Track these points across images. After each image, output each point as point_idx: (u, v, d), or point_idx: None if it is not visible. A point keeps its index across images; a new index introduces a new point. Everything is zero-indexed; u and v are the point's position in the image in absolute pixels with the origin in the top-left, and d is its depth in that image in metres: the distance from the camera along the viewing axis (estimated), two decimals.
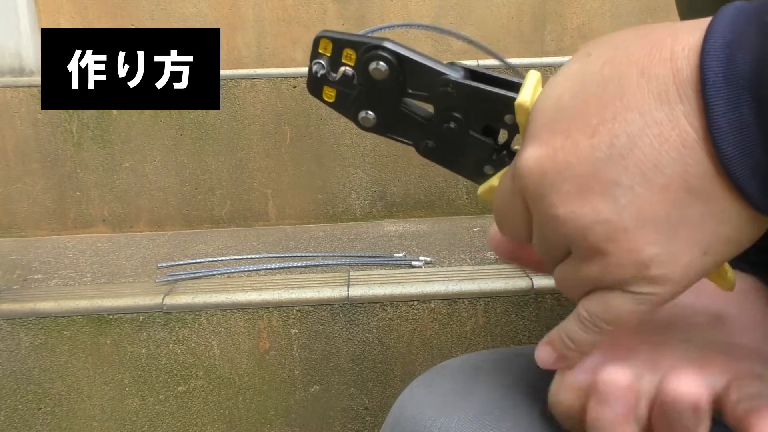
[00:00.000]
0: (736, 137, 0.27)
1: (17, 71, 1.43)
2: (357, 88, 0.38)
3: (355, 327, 0.90)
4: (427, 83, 0.37)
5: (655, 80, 0.29)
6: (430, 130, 0.39)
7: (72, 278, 1.00)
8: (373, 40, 0.37)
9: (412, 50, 0.37)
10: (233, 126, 1.31)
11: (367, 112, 0.39)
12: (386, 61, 0.37)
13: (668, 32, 0.30)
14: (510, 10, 1.51)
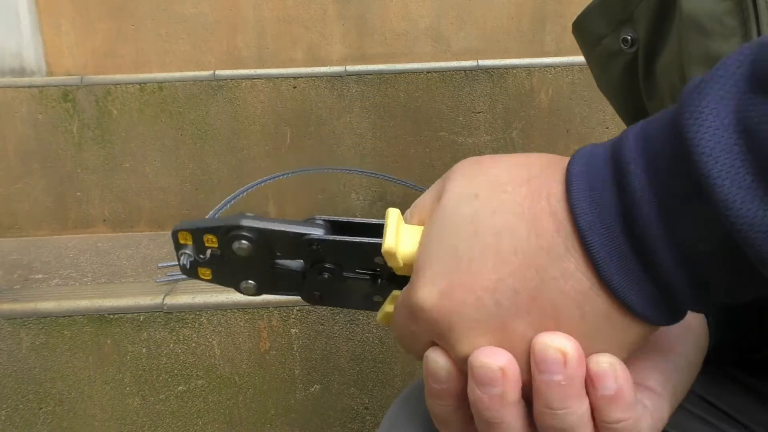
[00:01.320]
0: (623, 274, 0.28)
1: (18, 71, 1.44)
2: (229, 264, 0.39)
3: (355, 327, 0.90)
4: (291, 246, 0.38)
5: (543, 235, 0.30)
6: (309, 282, 0.39)
7: (73, 278, 1.00)
8: (227, 221, 0.37)
9: (268, 220, 0.38)
10: (233, 126, 1.31)
11: (247, 281, 0.40)
12: (247, 239, 0.37)
13: (545, 180, 0.31)
14: (510, 10, 1.51)
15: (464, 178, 0.33)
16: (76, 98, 1.30)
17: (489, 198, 0.32)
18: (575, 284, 0.29)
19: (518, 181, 0.31)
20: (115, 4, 1.48)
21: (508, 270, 0.30)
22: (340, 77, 1.31)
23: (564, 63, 1.33)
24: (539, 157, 0.33)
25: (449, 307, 0.31)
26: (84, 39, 1.50)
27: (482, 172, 0.33)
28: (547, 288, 0.30)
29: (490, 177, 0.33)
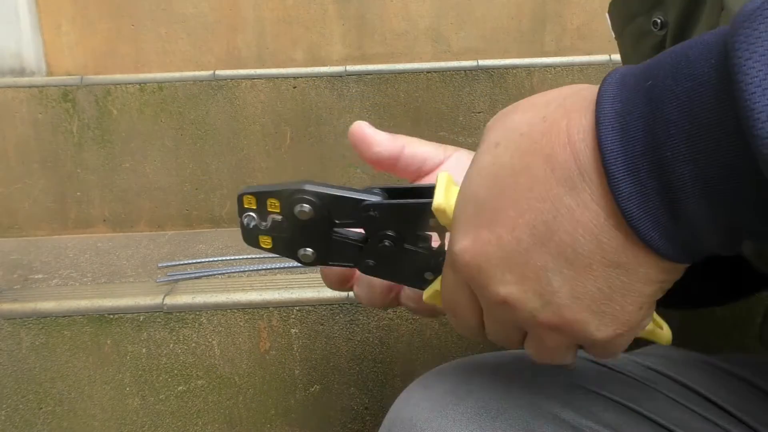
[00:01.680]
0: (642, 206, 0.28)
1: (18, 71, 1.44)
2: (289, 230, 0.41)
3: (355, 327, 0.90)
4: (351, 212, 0.39)
5: (560, 168, 0.30)
6: (367, 251, 0.41)
7: (72, 278, 1.00)
8: (291, 185, 0.39)
9: (330, 186, 0.39)
10: (233, 126, 1.31)
11: (305, 249, 0.41)
12: (308, 202, 0.39)
13: (563, 113, 0.31)
14: (510, 10, 1.51)
15: (489, 130, 0.34)
16: (76, 98, 1.30)
17: (507, 143, 0.32)
18: (592, 215, 0.29)
19: (535, 120, 0.32)
20: (115, 4, 1.48)
21: (525, 206, 0.31)
22: (340, 77, 1.31)
23: (564, 63, 1.33)
24: (559, 91, 0.33)
25: (477, 250, 0.32)
26: (84, 39, 1.50)
27: (503, 120, 0.34)
28: (563, 219, 0.30)
29: (509, 123, 0.33)
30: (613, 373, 0.51)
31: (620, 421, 0.46)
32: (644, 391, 0.50)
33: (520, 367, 0.49)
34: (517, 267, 0.32)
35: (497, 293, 0.33)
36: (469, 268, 0.33)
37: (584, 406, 0.46)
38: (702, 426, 0.48)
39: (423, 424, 0.45)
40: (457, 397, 0.46)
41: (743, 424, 0.49)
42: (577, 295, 0.31)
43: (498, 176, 0.32)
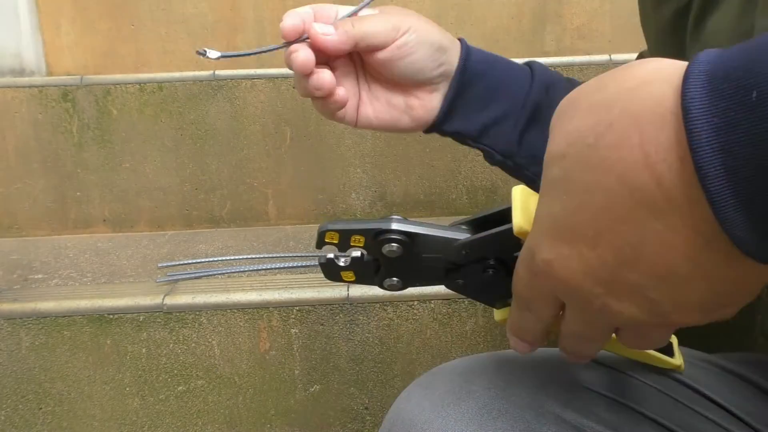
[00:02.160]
0: (753, 231, 0.25)
1: (17, 71, 1.44)
2: (373, 264, 0.41)
3: (355, 327, 0.90)
4: (439, 248, 0.39)
5: (638, 191, 0.28)
6: (459, 272, 0.40)
7: (72, 278, 1.00)
8: (378, 224, 0.39)
9: (419, 224, 0.39)
10: (233, 126, 1.31)
11: (392, 279, 0.41)
12: (397, 242, 0.39)
13: (632, 122, 0.28)
14: (510, 10, 1.51)
15: (553, 135, 0.32)
16: (76, 98, 1.30)
17: (574, 156, 0.30)
18: (685, 239, 0.28)
19: (600, 128, 0.29)
20: (115, 3, 1.48)
21: (605, 226, 0.29)
22: None
23: (564, 63, 1.33)
24: (618, 84, 0.30)
25: (561, 264, 0.31)
26: (84, 39, 1.49)
27: (564, 125, 0.31)
28: (651, 243, 0.28)
29: (571, 131, 0.30)
30: (615, 373, 0.51)
31: (622, 422, 0.46)
32: (645, 390, 0.50)
33: (522, 367, 0.49)
34: (606, 283, 0.30)
35: (591, 304, 0.31)
36: (553, 280, 0.32)
37: (586, 406, 0.46)
38: (704, 426, 0.48)
39: (423, 425, 0.45)
40: (458, 397, 0.46)
41: (745, 423, 0.49)
42: (682, 302, 0.30)
43: (570, 192, 0.30)
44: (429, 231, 0.39)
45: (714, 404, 0.50)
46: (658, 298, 0.29)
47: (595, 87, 0.31)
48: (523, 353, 0.39)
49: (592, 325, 0.34)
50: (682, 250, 0.28)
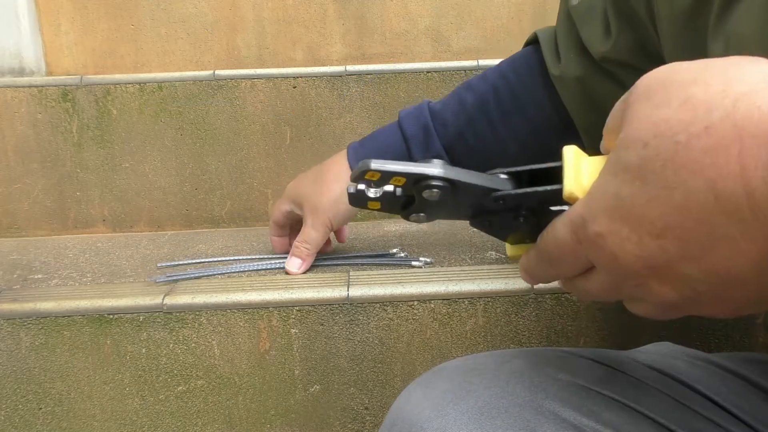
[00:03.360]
0: None
1: (17, 71, 1.44)
2: (402, 198, 0.41)
3: (355, 327, 0.90)
4: (477, 196, 0.40)
5: (725, 198, 0.28)
6: (488, 214, 0.41)
7: (72, 278, 1.00)
8: (423, 168, 0.39)
9: (462, 171, 0.39)
10: (233, 126, 1.31)
11: (419, 214, 0.42)
12: (439, 188, 0.39)
13: (734, 133, 0.27)
14: (510, 10, 1.51)
15: (635, 118, 0.31)
16: (76, 98, 1.30)
17: (659, 148, 0.29)
18: (759, 248, 0.28)
19: (695, 128, 0.28)
20: (115, 3, 1.48)
21: (677, 222, 0.29)
22: (340, 77, 1.31)
23: None
24: (723, 84, 0.29)
25: (614, 242, 0.32)
26: (84, 39, 1.49)
27: (651, 111, 0.30)
28: (723, 246, 0.29)
29: (659, 121, 0.30)
30: (614, 371, 0.51)
31: (621, 421, 0.46)
32: (645, 390, 0.50)
33: (521, 366, 0.49)
34: (656, 269, 0.31)
35: (630, 280, 0.33)
36: (600, 252, 0.33)
37: (585, 406, 0.46)
38: (703, 425, 0.48)
39: (424, 424, 0.45)
40: (458, 396, 0.46)
41: (744, 423, 0.49)
42: (724, 298, 0.31)
43: (647, 181, 0.30)
44: (472, 180, 0.39)
45: (713, 404, 0.50)
46: (704, 290, 0.31)
47: (693, 78, 0.30)
48: (531, 284, 0.42)
49: (616, 292, 0.35)
50: (751, 258, 0.28)
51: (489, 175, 0.40)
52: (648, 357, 0.55)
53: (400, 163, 0.39)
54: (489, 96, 0.82)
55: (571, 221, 0.35)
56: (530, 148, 0.83)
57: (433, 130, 0.85)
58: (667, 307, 0.34)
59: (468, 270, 0.96)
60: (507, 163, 0.89)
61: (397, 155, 0.88)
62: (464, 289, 0.89)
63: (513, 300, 0.89)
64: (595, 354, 0.53)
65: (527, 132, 0.82)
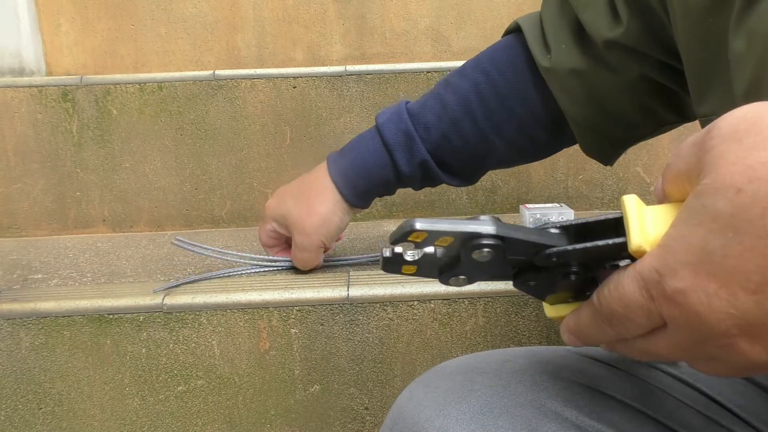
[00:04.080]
0: None
1: (17, 71, 1.43)
2: (443, 260, 0.38)
3: (355, 327, 0.90)
4: (529, 252, 0.37)
5: None
6: (534, 273, 0.39)
7: (72, 278, 1.00)
8: (475, 227, 0.36)
9: (513, 228, 0.37)
10: (233, 126, 1.31)
11: (459, 277, 0.39)
12: (491, 247, 0.36)
13: None
14: (510, 10, 1.51)
15: (724, 161, 0.29)
16: (76, 98, 1.29)
17: (756, 194, 0.28)
18: None
19: None
20: (115, 3, 1.48)
21: None
22: (340, 77, 1.31)
23: None
24: None
25: (699, 299, 0.30)
26: (83, 38, 1.49)
27: (746, 154, 0.28)
28: None
29: (756, 164, 0.28)
30: (617, 371, 0.51)
31: (624, 421, 0.46)
32: (648, 390, 0.49)
33: (523, 366, 0.49)
34: (749, 327, 0.29)
35: (714, 340, 0.30)
36: (680, 310, 0.30)
37: (588, 405, 0.46)
38: (705, 426, 0.48)
39: (425, 423, 0.45)
40: (459, 395, 0.46)
41: (746, 423, 0.49)
42: None
43: (741, 231, 0.28)
44: (525, 236, 0.36)
45: (716, 404, 0.50)
46: None
47: None
48: (575, 346, 0.38)
49: (690, 353, 0.33)
50: None
51: (540, 230, 0.37)
52: None
53: (448, 222, 0.36)
54: (471, 95, 0.79)
55: (641, 277, 0.32)
56: (519, 143, 0.80)
57: (416, 135, 0.82)
58: (751, 367, 0.32)
59: None
60: (494, 161, 0.87)
61: (380, 164, 0.84)
62: (464, 289, 0.89)
63: (513, 300, 0.89)
64: (598, 353, 0.53)
65: (514, 128, 0.79)
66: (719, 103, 0.51)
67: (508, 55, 0.78)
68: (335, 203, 0.87)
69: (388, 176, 0.85)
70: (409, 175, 0.85)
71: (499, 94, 0.78)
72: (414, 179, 0.86)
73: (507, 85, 0.77)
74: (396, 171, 0.85)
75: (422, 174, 0.85)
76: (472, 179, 0.90)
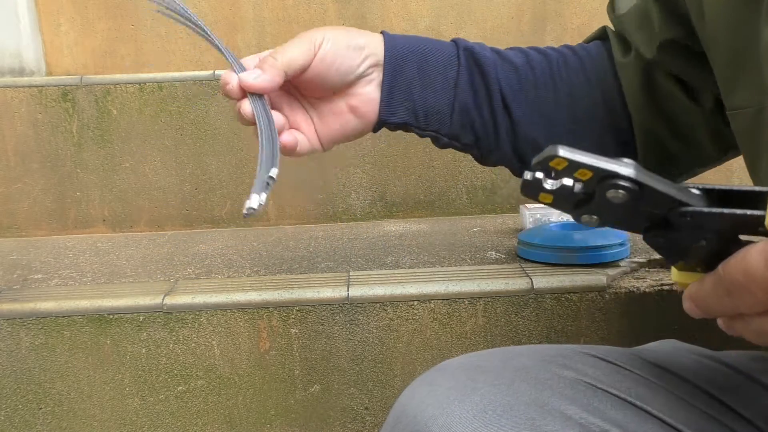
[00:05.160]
0: None
1: (17, 71, 1.43)
2: (580, 195, 0.38)
3: (355, 327, 0.90)
4: (662, 205, 0.36)
5: None
6: (666, 230, 0.38)
7: (72, 278, 1.00)
8: (616, 166, 0.36)
9: (654, 177, 0.36)
10: (233, 126, 1.31)
11: (592, 216, 0.38)
12: (625, 189, 0.36)
13: None
14: (510, 10, 1.51)
15: None
16: (76, 98, 1.29)
17: None
18: None
19: None
20: (115, 3, 1.48)
21: None
22: None
23: None
24: None
25: None
26: (84, 39, 1.49)
27: None
28: None
29: None
30: (620, 369, 0.51)
31: (627, 419, 0.46)
32: (651, 388, 0.49)
33: (526, 364, 0.49)
34: None
35: None
36: None
37: (591, 404, 0.46)
38: (707, 424, 0.48)
39: (428, 422, 0.45)
40: (462, 394, 0.46)
41: (748, 422, 0.49)
42: None
43: None
44: (664, 188, 0.36)
45: (717, 401, 0.50)
46: None
47: None
48: (695, 317, 0.38)
49: None
50: None
51: (681, 187, 0.37)
52: (654, 355, 0.54)
53: (590, 155, 0.36)
54: (555, 59, 0.70)
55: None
56: (583, 127, 0.70)
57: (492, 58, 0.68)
58: None
59: (468, 270, 0.96)
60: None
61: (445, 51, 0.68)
62: (464, 289, 0.89)
63: (513, 300, 0.89)
64: (601, 351, 0.53)
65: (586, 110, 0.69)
66: (751, 94, 0.50)
67: (596, 50, 0.72)
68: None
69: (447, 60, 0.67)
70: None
71: (583, 69, 0.70)
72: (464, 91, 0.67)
73: (592, 66, 0.70)
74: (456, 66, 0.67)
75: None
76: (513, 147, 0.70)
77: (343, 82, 0.64)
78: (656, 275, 0.92)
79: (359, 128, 0.66)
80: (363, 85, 0.64)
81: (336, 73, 0.63)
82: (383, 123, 0.66)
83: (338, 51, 0.62)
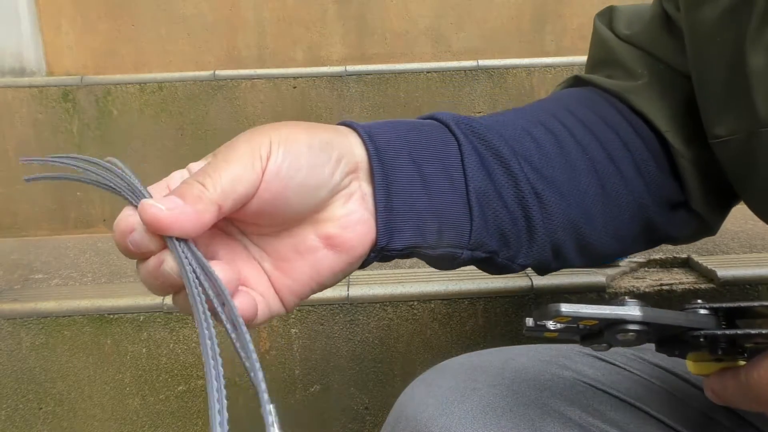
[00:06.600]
0: None
1: (18, 71, 1.43)
2: (585, 330, 0.38)
3: (355, 327, 0.90)
4: (674, 332, 0.37)
5: None
6: (677, 346, 0.38)
7: (73, 278, 1.00)
8: (619, 311, 0.35)
9: (660, 312, 0.36)
10: (233, 126, 1.31)
11: (601, 344, 0.38)
12: (635, 332, 0.36)
13: None
14: (510, 10, 1.51)
15: None
16: (76, 98, 1.29)
17: None
18: None
19: None
20: (115, 3, 1.48)
21: None
22: (340, 77, 1.31)
23: (564, 63, 1.33)
24: None
25: None
26: (84, 39, 1.49)
27: None
28: None
29: None
30: (620, 370, 0.51)
31: (627, 420, 0.46)
32: (651, 389, 0.50)
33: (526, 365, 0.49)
34: None
35: None
36: None
37: (591, 405, 0.46)
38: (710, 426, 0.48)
39: (428, 422, 0.45)
40: (462, 394, 0.46)
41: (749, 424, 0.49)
42: None
43: None
44: (674, 321, 0.36)
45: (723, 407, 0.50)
46: None
47: None
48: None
49: None
50: None
51: (688, 313, 0.36)
52: (654, 355, 0.55)
53: (593, 307, 0.35)
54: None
55: None
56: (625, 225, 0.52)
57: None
58: None
59: (468, 270, 0.95)
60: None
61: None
62: (464, 288, 0.89)
63: (513, 300, 0.89)
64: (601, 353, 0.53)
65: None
66: (737, 123, 0.46)
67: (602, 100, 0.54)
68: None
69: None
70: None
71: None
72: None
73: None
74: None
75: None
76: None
77: (311, 203, 0.39)
78: (655, 275, 0.92)
79: (340, 267, 0.41)
80: (341, 202, 0.40)
81: (299, 191, 0.38)
82: (381, 252, 0.42)
83: (298, 158, 0.37)
